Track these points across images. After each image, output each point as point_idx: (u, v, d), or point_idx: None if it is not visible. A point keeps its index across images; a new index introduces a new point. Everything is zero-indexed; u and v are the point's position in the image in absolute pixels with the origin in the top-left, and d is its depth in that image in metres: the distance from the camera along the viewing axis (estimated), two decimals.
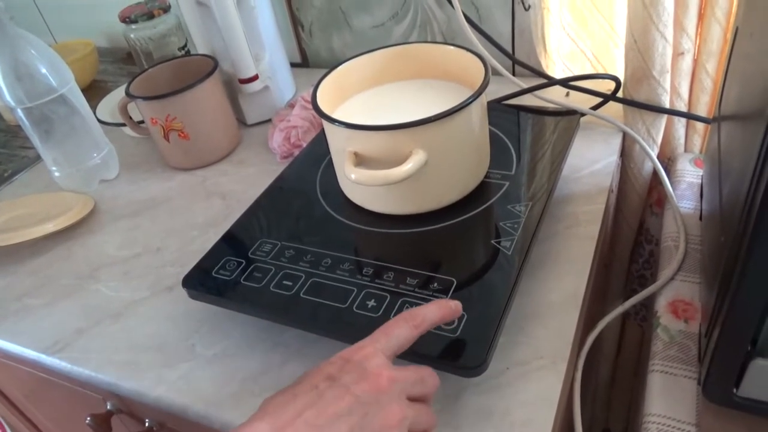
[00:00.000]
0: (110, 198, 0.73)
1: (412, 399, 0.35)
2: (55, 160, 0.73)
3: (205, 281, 0.50)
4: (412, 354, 0.39)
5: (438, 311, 0.38)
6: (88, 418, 0.61)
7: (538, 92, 0.67)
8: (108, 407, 0.62)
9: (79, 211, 0.68)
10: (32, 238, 0.64)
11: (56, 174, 0.74)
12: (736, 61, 0.45)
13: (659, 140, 0.65)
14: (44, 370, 0.58)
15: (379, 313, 0.43)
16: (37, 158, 0.82)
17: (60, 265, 0.64)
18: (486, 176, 0.54)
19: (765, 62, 0.31)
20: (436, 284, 0.45)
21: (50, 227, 0.65)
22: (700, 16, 0.58)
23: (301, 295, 0.46)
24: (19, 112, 0.68)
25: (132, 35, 0.90)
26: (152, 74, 0.75)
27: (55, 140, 0.71)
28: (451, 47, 0.56)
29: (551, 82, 0.68)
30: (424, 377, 0.36)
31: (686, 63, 0.60)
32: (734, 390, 0.37)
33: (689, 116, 0.64)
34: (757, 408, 0.37)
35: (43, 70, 0.67)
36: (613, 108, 0.66)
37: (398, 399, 0.33)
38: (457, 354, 0.40)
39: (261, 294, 0.47)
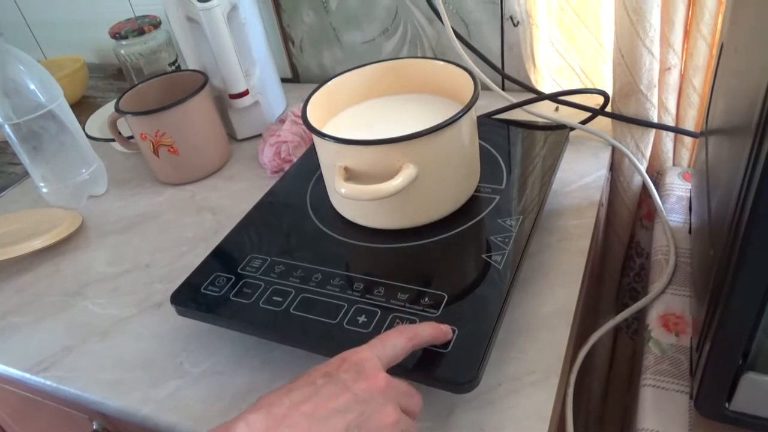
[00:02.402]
0: (99, 214, 0.73)
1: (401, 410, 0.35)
2: (43, 177, 0.72)
3: (193, 298, 0.49)
4: (404, 369, 0.38)
5: (431, 330, 0.39)
6: None
7: (527, 107, 0.68)
8: (94, 427, 0.61)
9: (66, 228, 0.68)
10: (19, 255, 0.63)
11: (44, 190, 0.73)
12: (721, 76, 0.45)
13: (648, 154, 0.65)
14: (30, 389, 0.57)
15: (370, 329, 0.43)
16: (25, 174, 0.82)
17: (47, 283, 0.63)
18: (476, 190, 0.54)
19: (750, 77, 0.31)
20: (427, 299, 0.44)
21: (37, 244, 0.64)
22: (686, 32, 0.59)
23: (291, 311, 0.46)
24: (7, 129, 0.68)
25: (122, 51, 0.90)
26: (142, 90, 0.75)
27: (44, 156, 0.71)
28: (441, 62, 0.56)
29: (541, 96, 0.68)
30: (412, 392, 0.36)
31: (673, 78, 0.61)
32: (726, 404, 0.37)
33: (677, 130, 0.64)
34: (750, 422, 0.37)
35: (32, 86, 0.67)
36: (602, 122, 0.66)
37: (393, 402, 0.34)
38: (448, 370, 0.40)
39: (250, 310, 0.47)
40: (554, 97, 0.68)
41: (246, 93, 0.75)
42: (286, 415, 0.31)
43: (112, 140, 0.77)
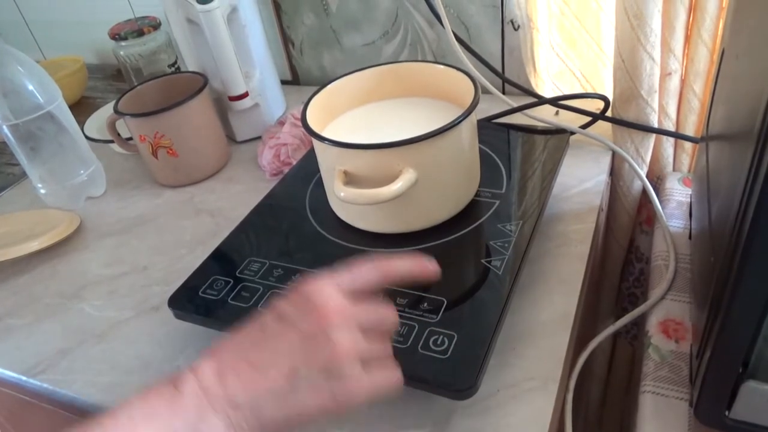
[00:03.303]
0: (97, 215, 0.72)
1: (371, 337, 0.34)
2: (41, 178, 0.72)
3: (191, 301, 0.49)
4: (402, 375, 0.38)
5: (410, 265, 0.37)
6: None
7: (528, 111, 0.68)
8: None
9: (64, 229, 0.67)
10: (16, 257, 0.63)
11: (42, 191, 0.73)
12: (722, 82, 0.45)
13: (648, 159, 0.65)
14: (26, 392, 0.56)
15: None
16: (23, 175, 0.81)
17: (44, 284, 0.63)
18: (476, 195, 0.54)
19: (751, 84, 0.31)
20: (426, 304, 0.44)
21: (34, 245, 0.64)
22: (687, 38, 0.59)
23: None
24: (5, 129, 0.67)
25: (122, 52, 0.90)
26: (141, 91, 0.75)
27: (42, 157, 0.71)
28: (441, 66, 0.56)
29: (541, 101, 0.68)
30: (378, 311, 0.35)
31: (674, 83, 0.61)
32: (726, 412, 0.37)
33: (677, 136, 0.64)
34: (750, 431, 0.37)
35: (30, 87, 0.66)
36: (603, 127, 0.66)
37: (348, 331, 0.32)
38: (447, 376, 0.39)
39: (248, 314, 0.46)
40: (554, 102, 0.68)
41: (246, 95, 0.75)
42: (234, 365, 0.32)
43: (111, 141, 0.76)
